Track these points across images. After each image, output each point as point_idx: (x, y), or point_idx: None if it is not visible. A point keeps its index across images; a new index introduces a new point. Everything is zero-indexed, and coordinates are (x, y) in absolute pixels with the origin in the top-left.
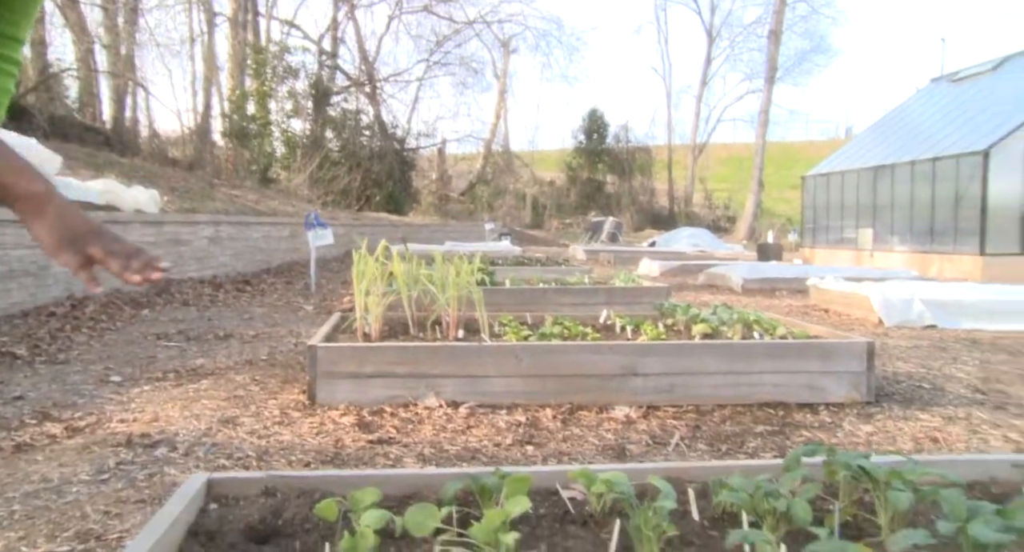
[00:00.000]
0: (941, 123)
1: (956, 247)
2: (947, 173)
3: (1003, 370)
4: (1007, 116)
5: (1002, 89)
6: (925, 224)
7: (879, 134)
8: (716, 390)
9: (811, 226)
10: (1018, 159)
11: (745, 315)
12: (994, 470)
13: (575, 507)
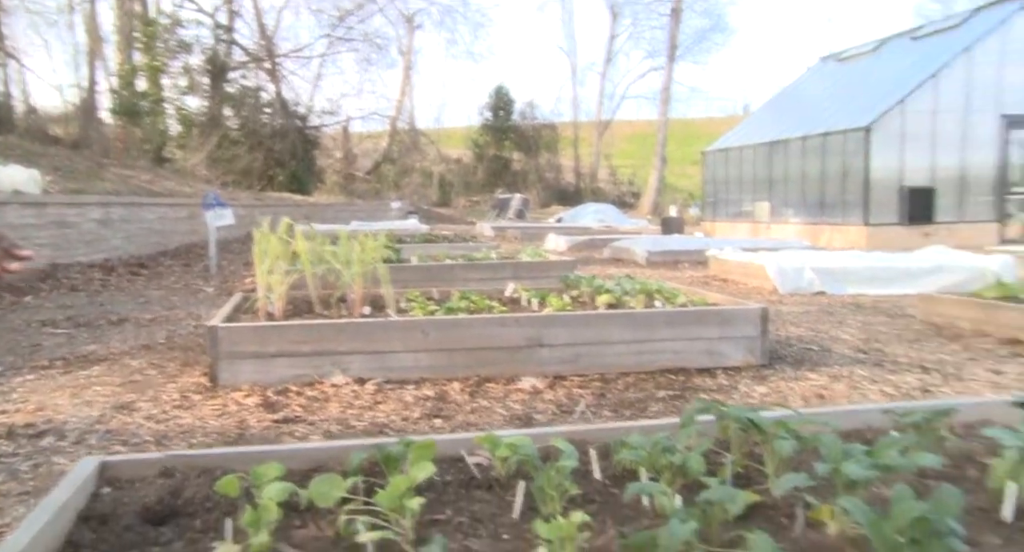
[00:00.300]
0: (829, 100)
1: (844, 218)
2: (835, 148)
3: (882, 331)
4: (886, 95)
5: (882, 69)
6: (816, 197)
7: (774, 110)
8: (620, 358)
9: (712, 200)
10: (895, 135)
11: (647, 285)
12: (869, 419)
13: (481, 472)
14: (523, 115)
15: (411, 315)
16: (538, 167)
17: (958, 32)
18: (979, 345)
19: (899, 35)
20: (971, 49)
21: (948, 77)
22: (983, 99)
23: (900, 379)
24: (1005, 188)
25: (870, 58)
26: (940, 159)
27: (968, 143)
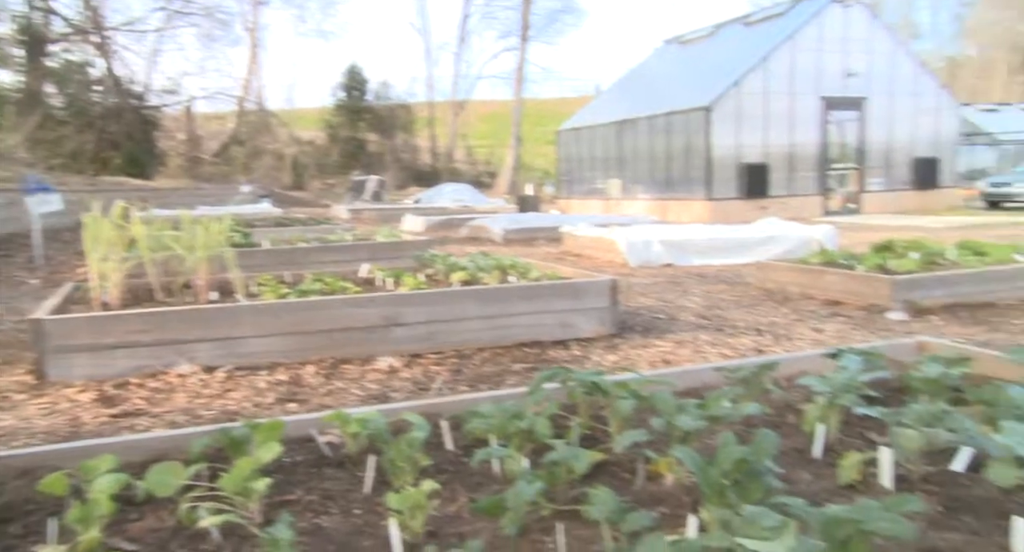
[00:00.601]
0: (673, 81)
1: (689, 194)
2: (679, 127)
3: (723, 298)
4: (723, 76)
5: (719, 52)
6: (663, 174)
7: (623, 90)
8: (476, 334)
9: (566, 178)
10: (732, 115)
11: (501, 261)
12: (704, 377)
13: (332, 451)
14: (377, 95)
15: (262, 299)
16: (394, 148)
17: (783, 20)
18: (805, 307)
19: (733, 20)
20: (794, 36)
21: (776, 61)
22: (805, 82)
23: (737, 341)
24: (827, 164)
25: (708, 42)
26: (772, 137)
27: (795, 123)
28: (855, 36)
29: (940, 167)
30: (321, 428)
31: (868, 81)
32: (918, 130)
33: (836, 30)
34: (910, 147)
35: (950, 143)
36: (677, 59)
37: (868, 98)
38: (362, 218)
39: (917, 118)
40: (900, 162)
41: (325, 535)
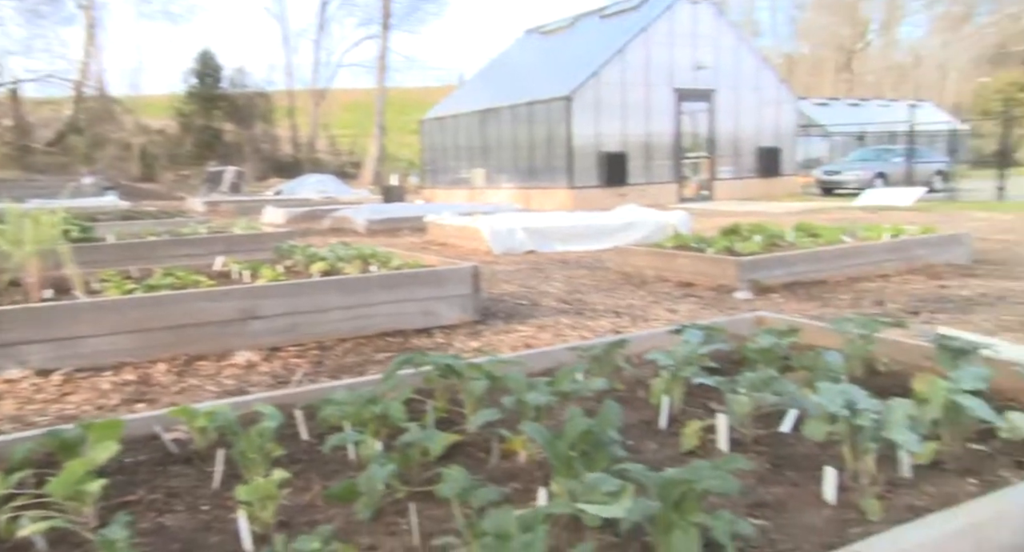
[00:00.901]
0: (535, 71)
1: (552, 182)
2: (541, 116)
3: (583, 283)
4: (583, 67)
5: (578, 43)
6: (526, 163)
7: (485, 80)
8: (338, 325)
9: (431, 168)
10: (592, 104)
11: (362, 251)
12: (560, 358)
13: (179, 447)
14: (233, 83)
15: (105, 296)
16: (253, 138)
17: (637, 14)
18: (661, 289)
19: (591, 13)
20: (648, 30)
21: (632, 53)
22: (659, 74)
23: (596, 324)
24: (681, 153)
25: (567, 33)
26: (630, 127)
27: (651, 113)
28: (703, 31)
29: (782, 156)
30: (167, 425)
31: (716, 74)
32: (762, 121)
33: (686, 25)
34: (755, 137)
35: (790, 134)
36: (538, 49)
37: (717, 90)
38: (219, 211)
39: (760, 110)
40: (746, 151)
41: (169, 534)
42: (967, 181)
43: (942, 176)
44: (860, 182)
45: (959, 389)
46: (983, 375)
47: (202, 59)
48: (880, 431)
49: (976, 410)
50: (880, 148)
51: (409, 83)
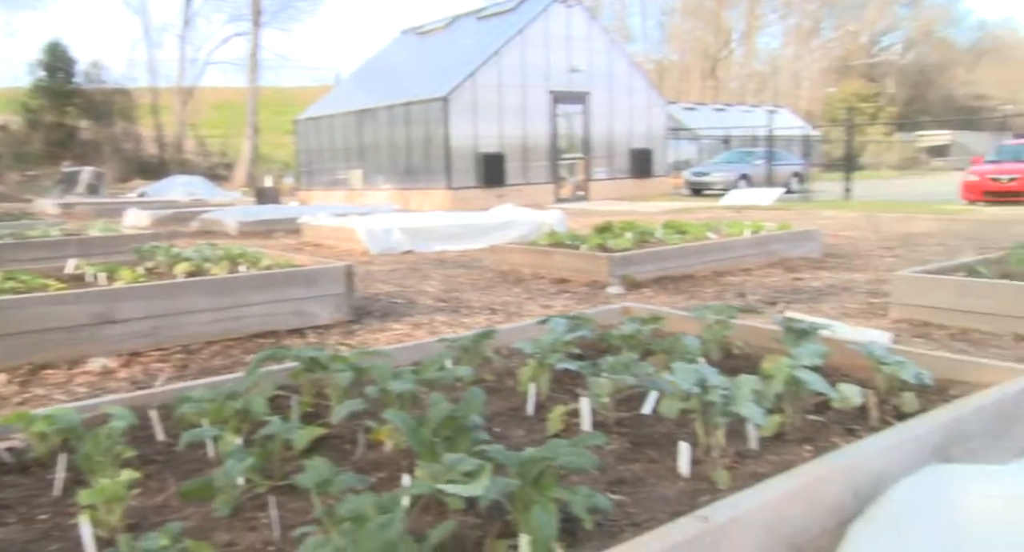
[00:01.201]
0: (412, 71)
1: (430, 183)
2: (418, 117)
3: (460, 281)
4: (460, 68)
5: (454, 44)
6: (404, 164)
7: (362, 80)
8: (205, 327)
9: (306, 169)
10: (469, 105)
11: (230, 251)
12: (430, 350)
13: (15, 456)
14: (89, 77)
15: None
16: (113, 137)
17: (513, 16)
18: (536, 286)
19: (467, 14)
20: (524, 32)
21: (508, 55)
22: (535, 76)
23: (472, 321)
24: (557, 155)
25: (444, 33)
26: (507, 128)
27: (528, 115)
28: (577, 35)
29: (653, 158)
30: (1, 433)
31: (590, 77)
32: (634, 124)
33: (560, 28)
34: (628, 139)
35: (660, 136)
36: (415, 50)
37: (591, 93)
38: (75, 213)
39: (633, 113)
40: (620, 153)
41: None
42: (819, 183)
43: (798, 178)
44: (726, 183)
45: (799, 365)
46: (820, 352)
47: (51, 51)
48: (729, 406)
49: (813, 383)
50: (743, 151)
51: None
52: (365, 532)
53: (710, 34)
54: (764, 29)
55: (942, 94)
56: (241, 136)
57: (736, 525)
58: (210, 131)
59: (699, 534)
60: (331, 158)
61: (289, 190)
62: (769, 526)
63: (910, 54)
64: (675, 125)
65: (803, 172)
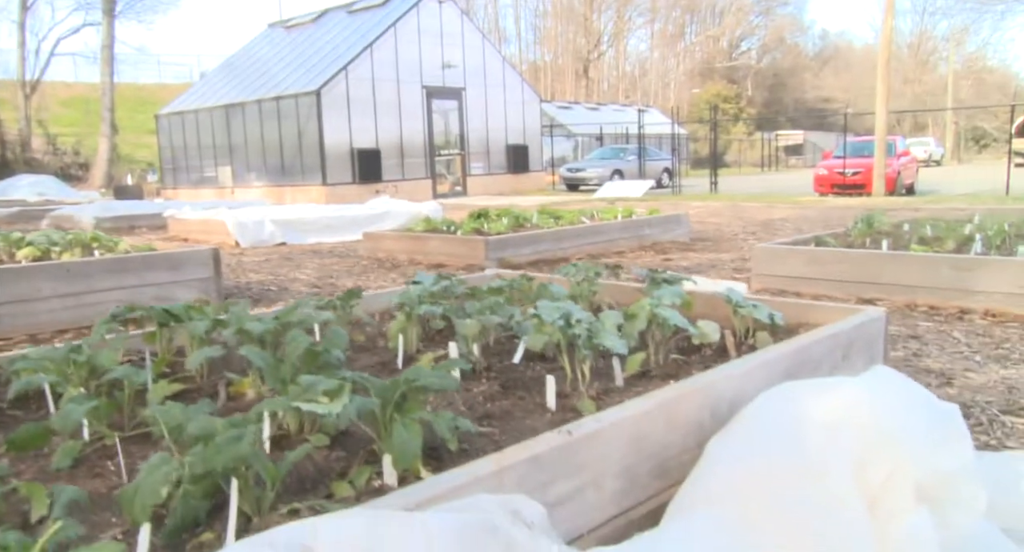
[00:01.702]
0: (281, 65)
1: (305, 180)
2: (290, 111)
3: (335, 269)
4: (332, 62)
5: (325, 38)
6: (277, 160)
7: (228, 73)
8: (55, 314)
9: (171, 167)
10: (342, 100)
11: (80, 236)
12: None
13: None
14: None
15: None
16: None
17: (385, 9)
18: (412, 271)
19: (337, 8)
20: (396, 26)
21: (381, 49)
22: (409, 71)
23: None
24: (434, 150)
25: (313, 27)
26: (382, 124)
27: (403, 110)
28: (450, 31)
29: (530, 153)
30: None
31: (464, 74)
32: (509, 120)
33: (433, 24)
34: (504, 135)
35: (536, 132)
36: (284, 43)
37: (466, 89)
38: None
39: (508, 109)
40: (497, 149)
41: None
42: (688, 179)
43: (668, 173)
44: (600, 178)
45: (661, 304)
46: (680, 292)
47: None
48: (593, 339)
49: (673, 319)
50: (617, 148)
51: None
52: (213, 446)
53: (581, 36)
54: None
55: (795, 96)
56: (97, 134)
57: (599, 439)
58: (61, 129)
59: (564, 444)
60: (198, 155)
61: (154, 189)
62: (633, 440)
63: (766, 59)
64: (549, 122)
65: (672, 168)
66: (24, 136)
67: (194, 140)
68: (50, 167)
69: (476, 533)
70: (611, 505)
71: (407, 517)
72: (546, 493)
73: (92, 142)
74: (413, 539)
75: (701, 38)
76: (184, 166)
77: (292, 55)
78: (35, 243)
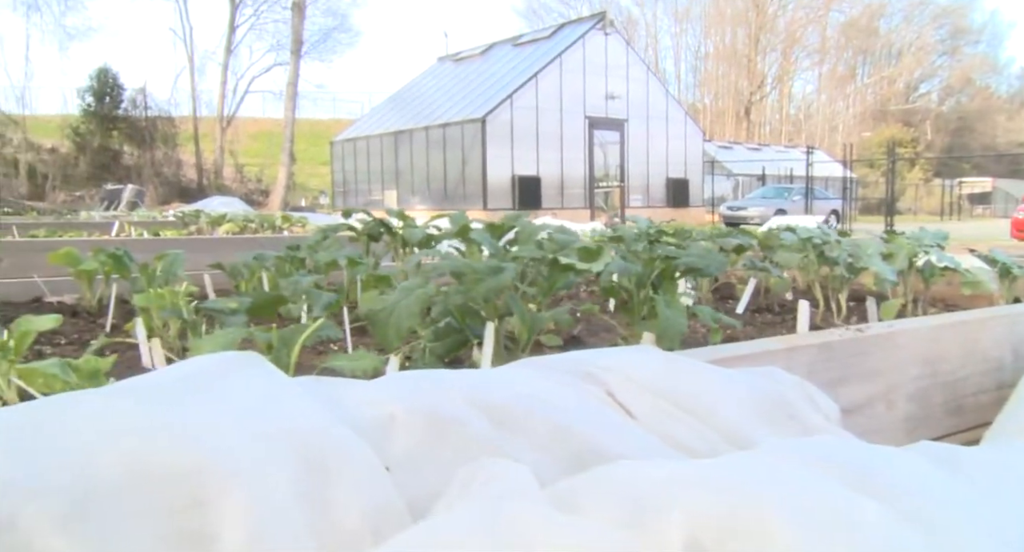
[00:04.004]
0: (448, 95)
1: (466, 205)
2: (455, 138)
3: None
4: (497, 91)
5: (491, 69)
6: (440, 185)
7: (398, 103)
8: None
9: (341, 190)
10: (506, 128)
11: (272, 217)
12: None
13: None
14: (134, 103)
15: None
16: (154, 161)
17: (550, 42)
18: None
19: (503, 41)
20: (561, 57)
21: (545, 80)
22: (572, 102)
23: None
24: (593, 180)
25: (480, 59)
26: (543, 152)
27: (564, 139)
28: (615, 63)
29: (690, 189)
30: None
31: (627, 105)
32: (671, 153)
33: (598, 55)
34: (665, 168)
35: (698, 167)
36: (451, 75)
37: (628, 121)
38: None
39: (670, 143)
40: (656, 183)
41: None
42: (857, 224)
43: (836, 215)
44: (762, 217)
45: (922, 243)
46: (944, 234)
47: (100, 77)
48: (857, 263)
49: (940, 259)
50: (780, 187)
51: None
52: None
53: (743, 78)
54: (798, 74)
55: (983, 142)
56: (278, 164)
57: (891, 343)
58: (248, 160)
59: (855, 339)
60: (367, 179)
61: (325, 212)
62: (926, 360)
63: (948, 101)
64: (710, 161)
65: (840, 211)
66: (218, 165)
67: (364, 165)
68: (236, 192)
69: (773, 400)
70: (901, 431)
71: (702, 364)
72: (837, 394)
73: (272, 171)
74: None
75: (874, 79)
76: (354, 190)
77: (458, 86)
78: (234, 220)
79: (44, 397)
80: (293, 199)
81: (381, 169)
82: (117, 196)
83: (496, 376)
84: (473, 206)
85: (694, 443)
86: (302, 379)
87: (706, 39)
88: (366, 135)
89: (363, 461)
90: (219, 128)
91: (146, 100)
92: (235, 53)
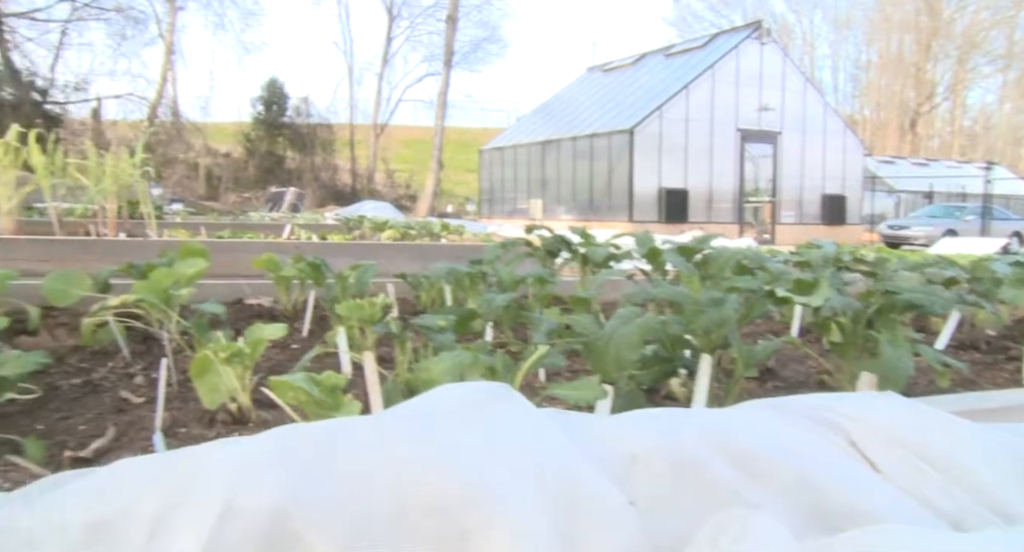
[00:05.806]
0: (596, 106)
1: (611, 216)
2: (602, 149)
3: None
4: (647, 102)
5: (641, 80)
6: (586, 195)
7: (546, 113)
8: None
9: (488, 198)
10: (655, 139)
11: (430, 226)
12: None
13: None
14: (298, 112)
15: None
16: (313, 166)
17: (703, 52)
18: None
19: (655, 52)
20: (714, 68)
21: (697, 91)
22: (724, 112)
23: None
24: (743, 194)
25: (630, 70)
26: (692, 164)
27: (714, 152)
28: (770, 73)
29: (848, 205)
30: None
31: (781, 117)
32: (827, 168)
33: (753, 65)
34: (820, 184)
35: (857, 183)
36: (600, 85)
37: (781, 133)
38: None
39: (826, 156)
40: (811, 198)
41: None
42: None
43: (1019, 238)
44: (928, 238)
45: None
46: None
47: (270, 87)
48: None
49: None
50: (951, 206)
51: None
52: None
53: (910, 88)
54: (976, 82)
55: None
56: (426, 171)
57: None
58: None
59: None
60: (513, 188)
61: (471, 218)
62: None
63: None
64: (871, 176)
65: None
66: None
67: (510, 174)
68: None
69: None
70: None
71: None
72: None
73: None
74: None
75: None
76: (500, 198)
77: (607, 97)
78: (395, 227)
79: (324, 420)
80: (440, 205)
81: (528, 178)
82: (280, 198)
83: (735, 417)
84: (618, 218)
85: (941, 501)
86: (548, 411)
87: (868, 47)
88: (513, 144)
89: (613, 501)
90: (373, 135)
91: (308, 109)
92: (390, 64)
